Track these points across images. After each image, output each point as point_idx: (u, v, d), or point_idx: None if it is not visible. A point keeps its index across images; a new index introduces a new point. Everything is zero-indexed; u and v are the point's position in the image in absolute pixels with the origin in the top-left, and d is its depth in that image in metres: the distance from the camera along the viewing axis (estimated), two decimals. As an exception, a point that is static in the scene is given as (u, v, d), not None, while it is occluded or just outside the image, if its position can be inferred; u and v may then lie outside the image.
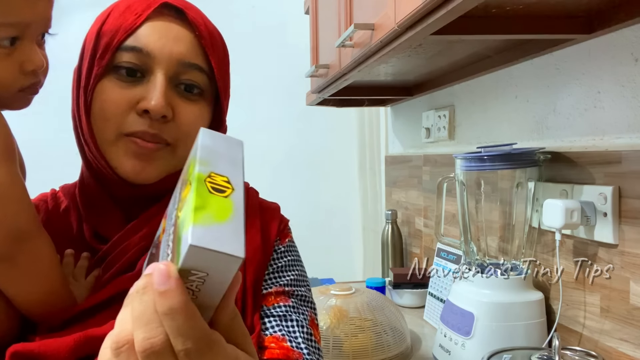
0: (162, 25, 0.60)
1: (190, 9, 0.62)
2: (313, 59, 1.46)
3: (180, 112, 0.60)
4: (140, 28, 0.59)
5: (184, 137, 0.61)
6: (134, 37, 0.59)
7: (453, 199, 1.12)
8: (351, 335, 1.05)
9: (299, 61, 1.86)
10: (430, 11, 0.68)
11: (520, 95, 1.09)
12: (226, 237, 0.33)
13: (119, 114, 0.58)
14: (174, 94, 0.60)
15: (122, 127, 0.58)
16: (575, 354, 0.79)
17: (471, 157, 0.99)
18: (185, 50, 0.60)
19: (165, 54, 0.59)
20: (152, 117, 0.58)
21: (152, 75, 0.59)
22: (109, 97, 0.58)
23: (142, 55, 0.58)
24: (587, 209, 0.84)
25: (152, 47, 0.58)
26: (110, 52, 0.58)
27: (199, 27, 0.61)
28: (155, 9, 0.60)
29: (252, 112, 2.36)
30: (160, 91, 0.58)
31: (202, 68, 0.61)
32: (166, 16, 0.60)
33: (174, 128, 0.60)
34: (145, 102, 0.58)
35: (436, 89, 1.41)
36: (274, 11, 2.31)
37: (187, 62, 0.60)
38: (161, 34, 0.59)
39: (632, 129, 0.80)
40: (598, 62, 0.87)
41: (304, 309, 0.66)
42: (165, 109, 0.58)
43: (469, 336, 0.93)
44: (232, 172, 0.39)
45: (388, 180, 1.92)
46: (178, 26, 0.61)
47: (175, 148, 0.61)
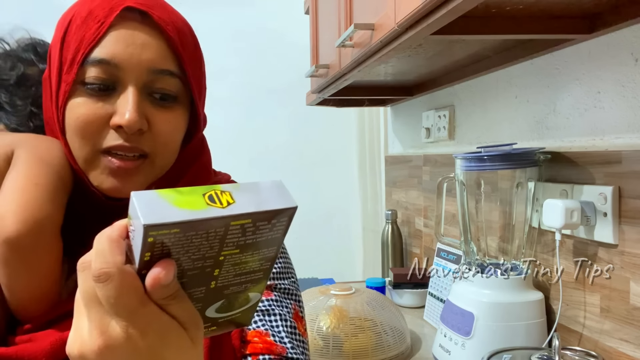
0: (126, 32, 0.57)
1: (155, 9, 0.59)
2: (313, 59, 1.46)
3: (155, 122, 0.59)
4: (104, 38, 0.56)
5: (162, 147, 0.60)
6: (99, 48, 0.56)
7: (453, 199, 1.12)
8: (351, 335, 1.05)
9: (299, 61, 1.86)
10: (430, 11, 0.68)
11: (520, 95, 1.09)
12: (163, 211, 0.34)
13: (93, 132, 0.57)
14: (147, 104, 0.58)
15: (98, 144, 0.57)
16: (575, 354, 0.79)
17: (471, 157, 0.99)
18: (154, 56, 0.58)
19: (134, 63, 0.56)
20: (126, 132, 0.56)
21: (122, 86, 0.57)
22: (81, 114, 0.57)
23: (110, 67, 0.56)
24: (587, 209, 0.84)
25: (120, 58, 0.56)
26: (77, 66, 0.56)
27: (165, 29, 0.58)
28: (118, 15, 0.57)
29: (252, 112, 2.36)
30: (133, 105, 0.56)
31: (174, 72, 0.59)
32: (130, 21, 0.57)
33: (150, 139, 0.58)
34: (118, 118, 0.56)
35: (436, 89, 1.41)
36: (274, 11, 2.31)
37: (158, 68, 0.58)
38: (127, 42, 0.57)
39: (632, 129, 0.80)
40: (598, 62, 0.87)
41: (287, 302, 0.66)
42: (140, 122, 0.56)
43: (469, 336, 0.93)
44: (247, 198, 0.38)
45: (388, 180, 1.92)
46: (144, 30, 0.58)
47: (153, 158, 0.60)
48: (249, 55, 2.32)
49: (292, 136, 2.40)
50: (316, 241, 2.37)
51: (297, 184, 2.37)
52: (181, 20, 0.63)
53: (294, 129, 2.40)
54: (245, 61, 2.31)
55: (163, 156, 0.61)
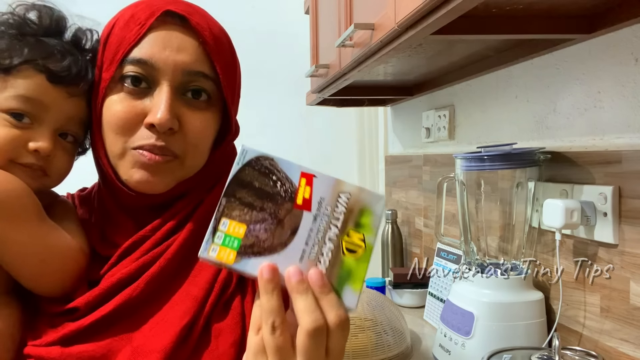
0: (165, 34, 0.59)
1: (194, 15, 0.61)
2: (313, 59, 1.46)
3: (187, 122, 0.60)
4: (143, 39, 0.59)
5: (192, 147, 0.61)
6: (138, 48, 0.59)
7: (453, 199, 1.12)
8: (351, 335, 1.05)
9: (299, 61, 1.86)
10: (430, 11, 0.68)
11: (520, 95, 1.09)
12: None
13: (127, 128, 0.59)
14: (180, 104, 0.60)
15: (130, 141, 0.59)
16: (575, 354, 0.79)
17: (471, 157, 0.99)
18: (190, 58, 0.59)
19: (170, 64, 0.59)
20: (158, 130, 0.58)
21: (157, 86, 0.59)
22: (117, 111, 0.59)
23: (147, 67, 0.58)
24: (587, 209, 0.84)
25: (156, 59, 0.58)
26: (115, 64, 0.59)
27: (202, 33, 0.60)
28: (158, 18, 0.59)
29: (252, 111, 2.34)
30: (166, 104, 0.58)
31: (208, 75, 0.61)
32: (169, 24, 0.60)
33: (181, 139, 0.60)
34: (151, 116, 0.58)
35: (436, 89, 1.41)
36: (274, 11, 2.31)
37: (192, 70, 0.60)
38: (165, 44, 0.59)
39: (632, 129, 0.80)
40: (598, 62, 0.87)
41: None
42: (171, 121, 0.58)
43: (469, 336, 0.93)
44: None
45: (388, 180, 1.92)
46: (182, 34, 0.60)
47: (183, 159, 0.61)
48: (249, 55, 2.32)
49: (292, 136, 2.40)
50: (316, 241, 2.36)
51: (297, 184, 2.38)
52: (219, 28, 0.65)
53: (293, 129, 2.40)
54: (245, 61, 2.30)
55: (193, 156, 0.62)
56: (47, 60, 0.58)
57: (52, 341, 0.56)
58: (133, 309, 0.58)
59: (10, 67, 0.57)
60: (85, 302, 0.57)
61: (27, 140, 0.57)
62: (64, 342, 0.56)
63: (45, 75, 0.58)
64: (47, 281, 0.58)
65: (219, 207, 0.47)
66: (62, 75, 0.58)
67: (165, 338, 0.56)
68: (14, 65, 0.57)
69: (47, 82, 0.58)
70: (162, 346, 0.55)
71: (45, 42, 0.59)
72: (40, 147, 0.57)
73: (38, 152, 0.57)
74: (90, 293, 0.58)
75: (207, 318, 0.59)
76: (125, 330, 0.57)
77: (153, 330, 0.57)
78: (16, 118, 0.57)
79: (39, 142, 0.57)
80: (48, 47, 0.59)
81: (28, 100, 0.57)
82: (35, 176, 0.59)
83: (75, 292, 0.59)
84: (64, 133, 0.61)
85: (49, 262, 0.57)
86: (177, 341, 0.56)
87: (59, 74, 0.58)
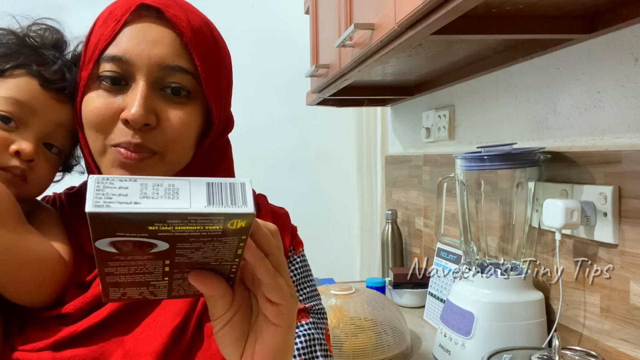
0: (140, 28, 0.57)
1: (171, 7, 0.59)
2: (313, 59, 1.46)
3: (165, 117, 0.58)
4: (119, 34, 0.57)
5: (172, 143, 0.59)
6: (114, 44, 0.57)
7: (453, 199, 1.12)
8: (351, 335, 1.05)
9: (299, 61, 1.86)
10: (430, 11, 0.68)
11: (520, 95, 1.09)
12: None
13: (104, 125, 0.58)
14: (158, 99, 0.58)
15: (109, 138, 0.58)
16: (575, 354, 0.79)
17: (471, 157, 0.99)
18: (165, 52, 0.57)
19: (144, 59, 0.57)
20: (133, 126, 0.56)
21: (134, 82, 0.58)
22: (94, 108, 0.58)
23: (122, 63, 0.57)
24: (587, 209, 0.84)
25: (131, 54, 0.57)
26: (92, 62, 0.58)
27: (179, 25, 0.58)
28: (133, 12, 0.57)
29: (252, 111, 2.36)
30: (140, 99, 0.56)
31: (186, 69, 0.58)
32: (145, 18, 0.58)
33: (159, 135, 0.58)
34: (125, 112, 0.56)
35: (436, 89, 1.41)
36: (274, 11, 2.31)
37: (169, 64, 0.57)
38: (139, 38, 0.57)
39: (632, 129, 0.80)
40: (598, 62, 0.87)
41: (321, 323, 0.66)
42: (146, 117, 0.56)
43: (469, 336, 0.93)
44: None
45: (388, 180, 1.92)
46: (157, 27, 0.58)
47: (163, 155, 0.59)
48: (249, 55, 2.32)
49: (292, 136, 2.40)
50: (316, 241, 2.36)
51: (296, 184, 2.37)
52: (200, 18, 0.62)
53: (293, 128, 2.40)
54: (245, 61, 2.31)
55: (174, 152, 0.60)
56: (42, 67, 0.59)
57: (44, 347, 0.55)
58: (125, 313, 0.57)
59: (4, 70, 0.57)
60: (77, 308, 0.56)
61: (10, 143, 0.57)
62: (55, 347, 0.55)
63: (38, 81, 0.58)
64: (26, 288, 0.56)
65: None
66: (54, 80, 0.58)
67: (157, 340, 0.55)
68: (7, 68, 0.57)
69: (38, 87, 0.58)
70: (154, 348, 0.55)
71: (42, 52, 0.60)
72: (23, 149, 0.57)
73: (20, 155, 0.57)
74: (82, 299, 0.57)
75: (199, 317, 0.58)
76: (117, 333, 0.56)
77: (145, 333, 0.56)
78: (3, 121, 0.57)
79: (22, 145, 0.57)
80: (44, 56, 0.60)
81: (17, 103, 0.57)
82: (14, 181, 0.58)
83: (65, 295, 0.58)
84: (49, 144, 0.61)
85: (27, 268, 0.55)
86: (169, 342, 0.55)
87: (51, 79, 0.58)
